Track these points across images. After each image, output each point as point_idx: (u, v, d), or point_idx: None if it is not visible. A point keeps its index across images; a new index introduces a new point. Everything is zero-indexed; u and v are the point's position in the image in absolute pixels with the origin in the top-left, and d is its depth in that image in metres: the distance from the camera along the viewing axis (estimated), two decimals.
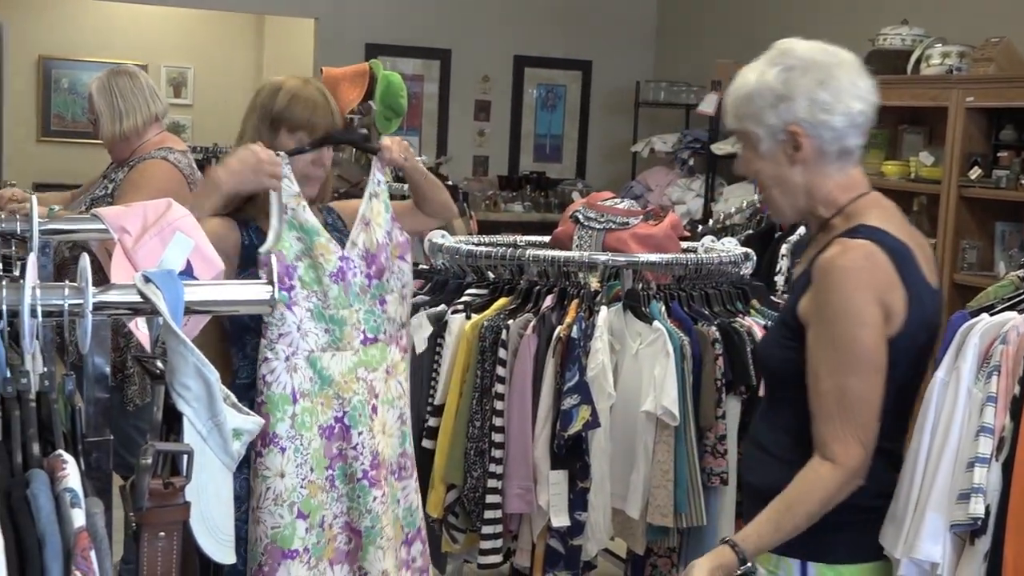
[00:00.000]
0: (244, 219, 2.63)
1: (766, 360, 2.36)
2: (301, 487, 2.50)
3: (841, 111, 2.12)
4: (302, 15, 8.36)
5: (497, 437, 3.49)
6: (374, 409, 2.64)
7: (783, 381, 2.23)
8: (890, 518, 2.09)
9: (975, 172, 5.81)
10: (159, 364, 1.31)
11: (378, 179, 2.76)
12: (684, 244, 4.12)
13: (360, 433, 2.57)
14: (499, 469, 3.48)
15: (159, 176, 3.84)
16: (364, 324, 2.61)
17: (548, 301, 3.62)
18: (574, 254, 3.77)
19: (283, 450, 2.48)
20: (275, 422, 2.47)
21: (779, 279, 5.48)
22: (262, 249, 2.45)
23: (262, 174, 2.47)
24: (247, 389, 2.52)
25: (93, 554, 1.11)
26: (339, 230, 2.71)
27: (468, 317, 3.63)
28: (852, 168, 2.20)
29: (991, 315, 2.08)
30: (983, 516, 1.96)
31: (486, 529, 3.49)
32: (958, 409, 2.03)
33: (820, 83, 2.12)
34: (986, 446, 1.99)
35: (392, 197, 5.64)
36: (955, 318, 2.12)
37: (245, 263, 2.55)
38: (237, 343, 2.60)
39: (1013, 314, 2.06)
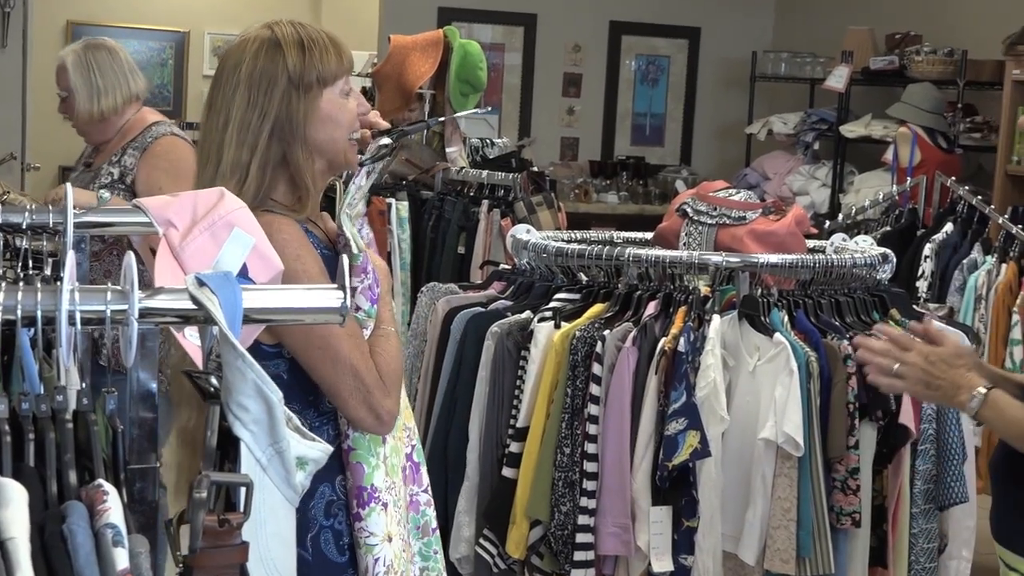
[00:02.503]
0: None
1: None
2: (403, 551, 2.34)
3: None
4: None
5: (590, 466, 3.46)
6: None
7: None
8: None
9: None
10: (213, 381, 1.30)
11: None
12: (810, 243, 4.07)
13: (426, 471, 2.50)
14: (592, 503, 3.45)
15: (183, 151, 3.98)
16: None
17: (650, 308, 3.59)
18: (681, 254, 3.73)
19: (385, 505, 2.30)
20: (370, 472, 2.30)
21: (922, 284, 5.42)
22: (356, 257, 2.29)
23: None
24: (337, 458, 2.29)
25: None
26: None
27: (557, 326, 3.61)
28: None
29: None
30: None
31: (576, 573, 3.47)
32: None
33: None
34: None
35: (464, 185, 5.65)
36: None
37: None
38: (302, 395, 2.34)
39: None
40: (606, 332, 3.52)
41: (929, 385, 2.66)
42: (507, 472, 3.58)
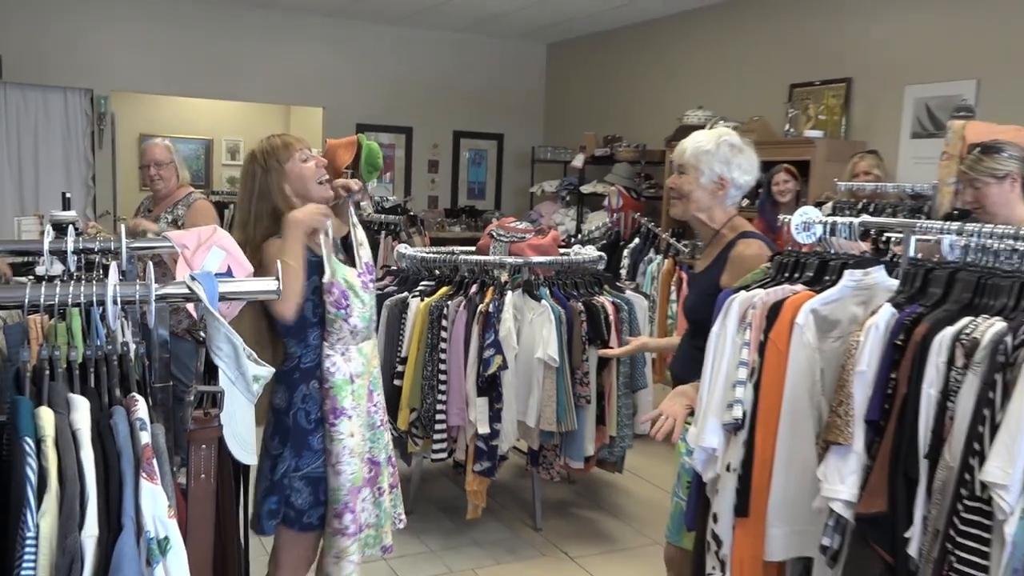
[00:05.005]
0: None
1: (699, 317, 2.32)
2: (361, 441, 2.30)
3: (746, 180, 2.35)
4: (314, 105, 8.25)
5: (442, 377, 3.47)
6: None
7: (706, 325, 2.18)
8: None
9: (744, 201, 5.89)
10: (202, 334, 1.26)
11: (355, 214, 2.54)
12: (562, 250, 4.12)
13: (378, 393, 2.41)
14: (443, 398, 3.46)
15: (210, 209, 3.94)
16: (374, 315, 2.42)
17: (474, 289, 3.60)
18: (491, 258, 3.75)
19: (349, 417, 2.26)
20: (342, 399, 2.24)
21: (623, 272, 5.54)
22: (325, 279, 2.22)
23: (320, 217, 2.23)
24: (314, 370, 2.26)
25: (155, 461, 1.07)
26: (349, 247, 2.45)
27: (422, 300, 3.60)
28: (729, 210, 2.38)
29: (746, 291, 2.08)
30: (741, 418, 1.96)
31: (436, 436, 3.47)
32: (726, 350, 2.02)
33: (747, 162, 2.34)
34: (743, 373, 1.98)
35: (373, 223, 5.52)
36: (723, 294, 2.10)
37: (308, 273, 2.27)
38: (300, 336, 2.25)
39: (759, 291, 2.07)
40: (449, 302, 3.53)
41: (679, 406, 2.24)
42: (396, 382, 3.57)
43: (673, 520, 2.35)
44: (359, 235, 2.43)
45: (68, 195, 3.61)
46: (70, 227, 2.04)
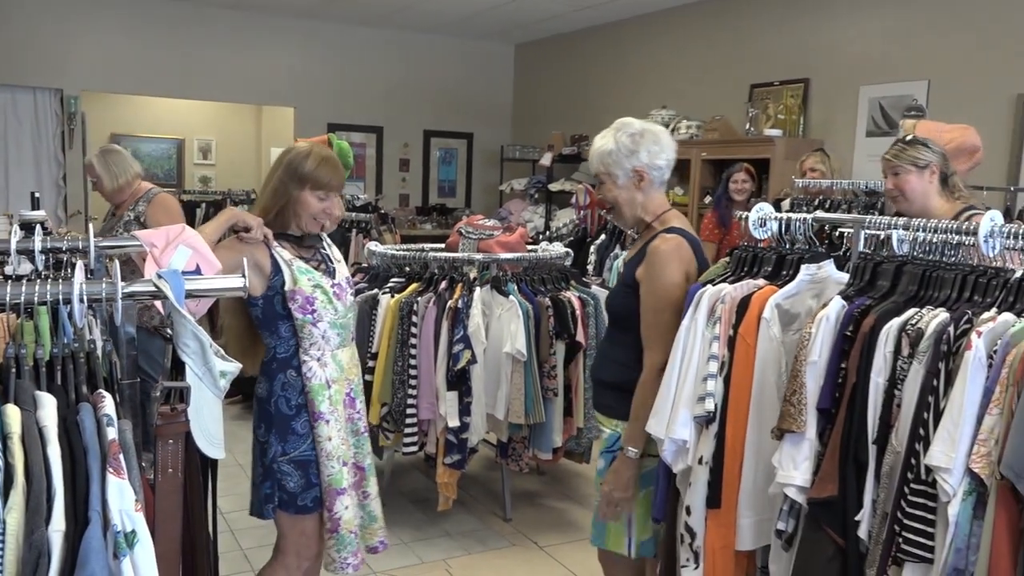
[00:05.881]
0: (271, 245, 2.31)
1: (614, 307, 2.28)
2: (341, 444, 2.28)
3: (664, 158, 2.19)
4: (286, 105, 8.18)
5: (412, 372, 3.46)
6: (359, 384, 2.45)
7: (625, 318, 2.21)
8: (655, 412, 2.06)
9: (707, 198, 5.95)
10: (169, 331, 1.25)
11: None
12: (530, 247, 4.13)
13: (360, 401, 2.39)
14: (414, 392, 3.45)
15: (171, 201, 3.92)
16: (351, 327, 2.39)
17: (443, 285, 3.59)
18: (460, 255, 3.75)
19: (327, 422, 2.24)
20: (319, 403, 2.24)
21: (589, 268, 5.56)
22: (286, 288, 2.20)
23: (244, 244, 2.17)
24: (290, 359, 2.25)
25: (122, 456, 1.06)
26: (327, 259, 2.39)
27: (392, 296, 3.59)
28: (662, 193, 2.26)
29: (713, 285, 2.11)
30: (713, 411, 1.98)
31: (407, 430, 3.47)
32: (696, 343, 2.04)
33: (653, 142, 2.18)
34: (714, 367, 2.00)
35: (344, 221, 5.50)
36: (692, 288, 2.13)
37: (274, 273, 2.24)
38: (272, 328, 2.24)
39: (726, 284, 2.10)
40: (419, 299, 3.52)
41: (616, 493, 2.19)
42: (368, 377, 3.53)
43: (595, 524, 2.31)
44: (335, 254, 2.43)
45: (37, 195, 3.55)
46: (38, 226, 2.01)
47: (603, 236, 5.71)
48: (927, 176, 2.78)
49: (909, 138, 2.91)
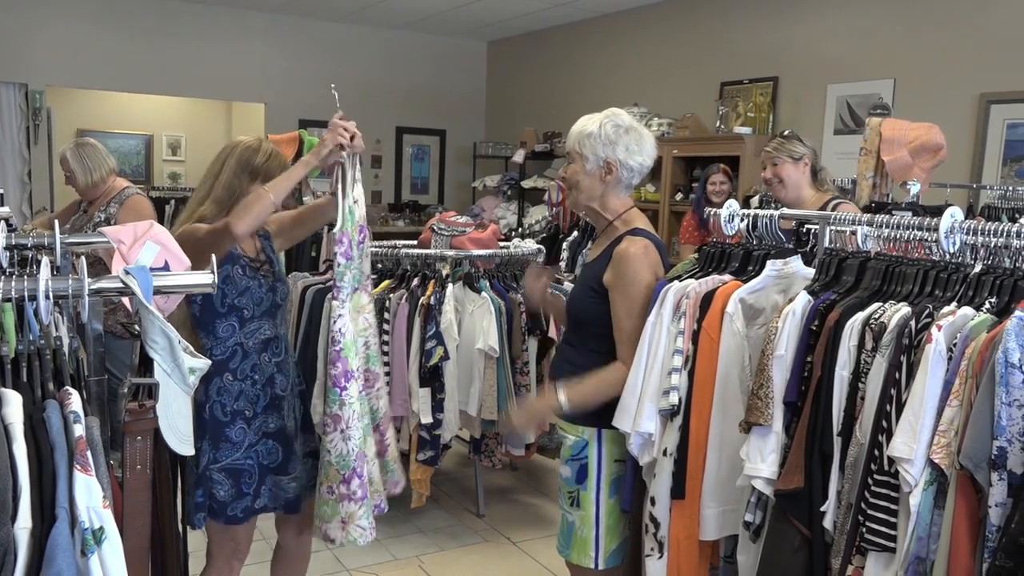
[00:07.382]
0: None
1: (577, 311, 2.22)
2: (362, 404, 2.17)
3: (639, 161, 2.14)
4: (256, 101, 8.11)
5: (385, 368, 3.45)
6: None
7: (589, 322, 2.17)
8: (621, 407, 2.07)
9: (678, 195, 5.99)
10: (136, 327, 1.23)
11: (358, 167, 2.30)
12: (502, 243, 4.14)
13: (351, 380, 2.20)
14: (387, 389, 3.44)
15: (144, 204, 3.85)
16: (361, 277, 2.24)
17: (415, 282, 3.59)
18: (432, 251, 3.74)
19: (356, 380, 2.13)
20: (352, 360, 2.11)
21: (562, 264, 5.57)
22: (336, 229, 2.10)
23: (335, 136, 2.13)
24: (227, 362, 2.16)
25: (89, 453, 1.05)
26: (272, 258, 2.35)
27: None
28: (627, 197, 2.21)
29: (679, 281, 2.14)
30: (677, 404, 2.00)
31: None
32: (662, 338, 2.05)
33: (635, 141, 2.13)
34: (678, 361, 2.02)
35: None
36: (659, 284, 2.14)
37: (221, 262, 2.17)
38: (208, 327, 2.16)
39: (692, 281, 2.12)
40: (391, 295, 3.51)
41: (533, 422, 2.37)
42: None
43: (562, 533, 2.27)
44: (357, 191, 2.25)
45: (1, 191, 3.49)
46: (2, 223, 1.98)
47: (575, 233, 5.73)
48: (800, 167, 3.16)
49: (787, 132, 3.25)
